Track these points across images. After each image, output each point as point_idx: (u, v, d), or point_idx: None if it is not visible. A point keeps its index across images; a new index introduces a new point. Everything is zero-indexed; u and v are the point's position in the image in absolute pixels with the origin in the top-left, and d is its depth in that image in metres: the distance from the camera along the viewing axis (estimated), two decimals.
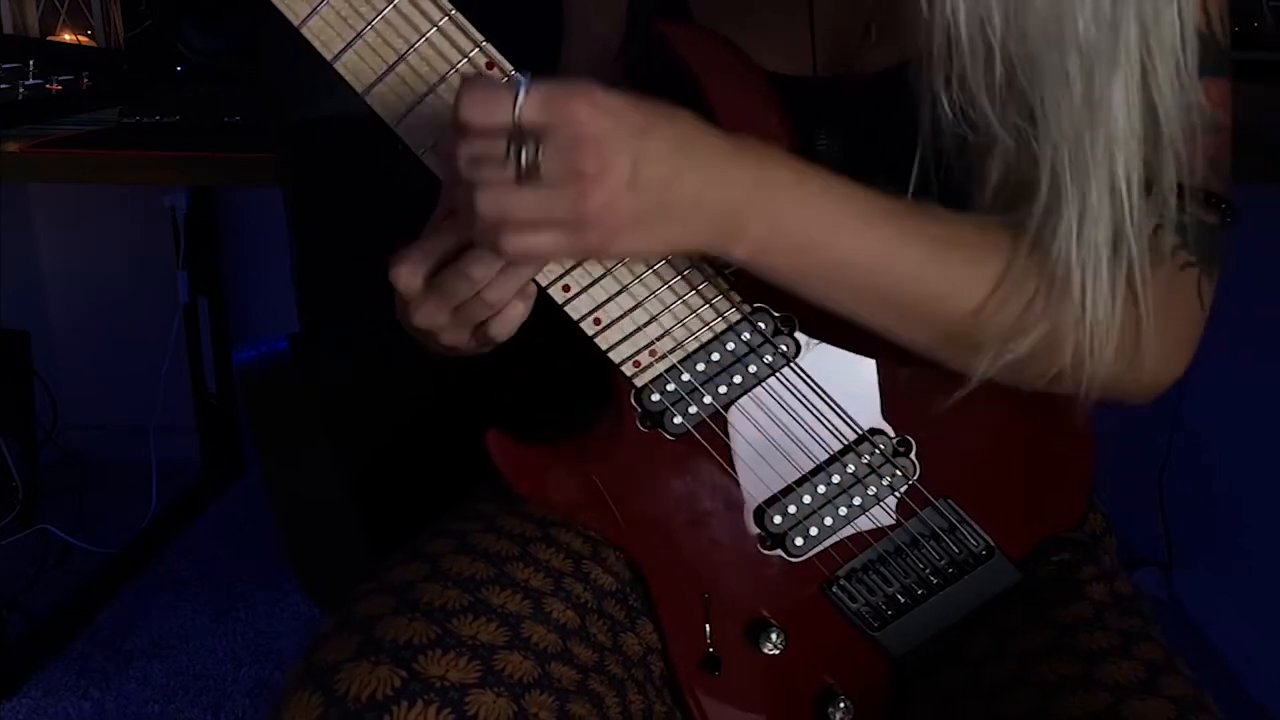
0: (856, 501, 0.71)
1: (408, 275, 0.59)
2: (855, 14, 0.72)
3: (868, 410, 0.70)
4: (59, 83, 1.52)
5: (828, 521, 0.71)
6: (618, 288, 0.66)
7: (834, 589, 0.72)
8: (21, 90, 1.46)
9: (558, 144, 0.51)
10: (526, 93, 0.50)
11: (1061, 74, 0.57)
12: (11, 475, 1.87)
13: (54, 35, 1.61)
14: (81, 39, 1.62)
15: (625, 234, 0.54)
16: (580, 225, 0.52)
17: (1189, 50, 0.58)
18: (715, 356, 0.68)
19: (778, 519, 0.70)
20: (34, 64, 1.49)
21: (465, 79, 0.53)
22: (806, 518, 0.71)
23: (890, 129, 0.64)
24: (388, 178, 0.62)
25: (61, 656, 1.64)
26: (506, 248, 0.53)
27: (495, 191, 0.52)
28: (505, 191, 0.51)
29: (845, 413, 0.70)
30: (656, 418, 0.69)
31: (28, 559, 1.84)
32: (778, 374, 0.69)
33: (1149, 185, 0.59)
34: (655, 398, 0.69)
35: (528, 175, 0.51)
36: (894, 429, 0.71)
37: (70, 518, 1.96)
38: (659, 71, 0.68)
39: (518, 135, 0.50)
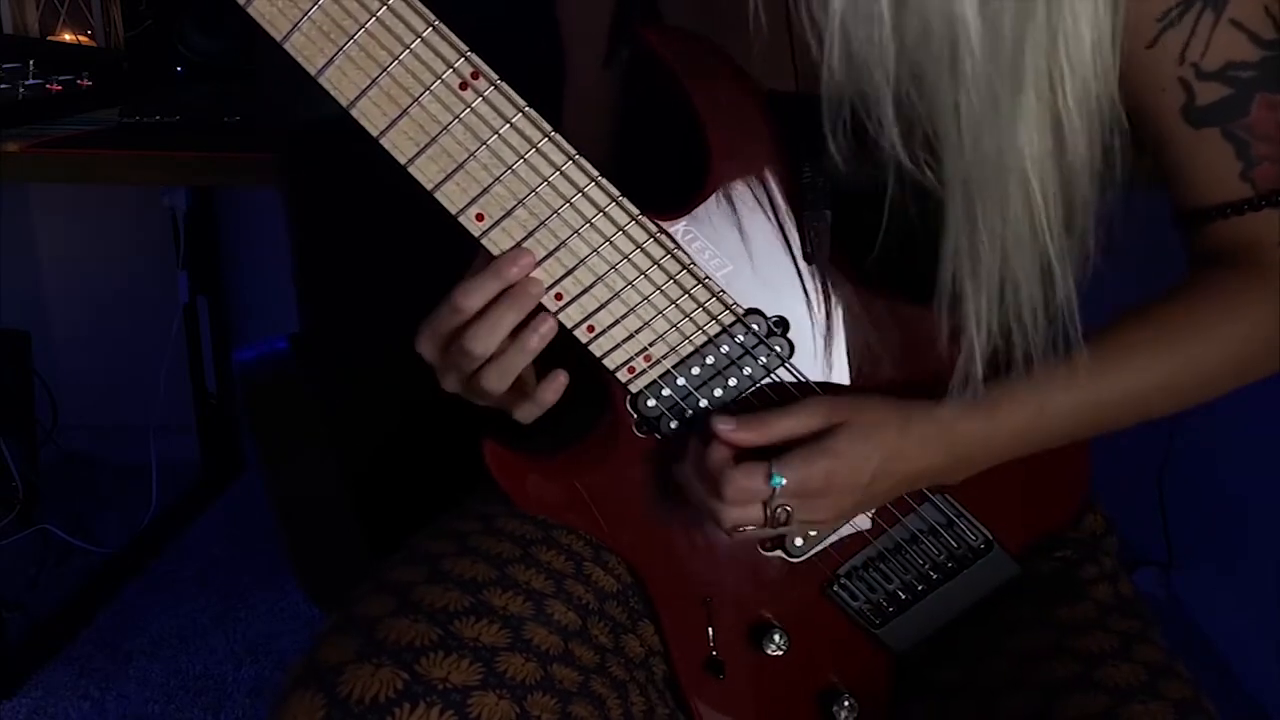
0: None
1: (427, 346, 0.66)
2: None
3: None
4: (59, 83, 1.52)
5: None
6: (610, 294, 0.65)
7: (835, 588, 0.72)
8: (21, 90, 1.45)
9: (803, 503, 0.64)
10: (783, 481, 0.63)
11: (953, 107, 0.58)
12: (11, 475, 1.86)
13: (54, 35, 1.61)
14: (81, 39, 1.62)
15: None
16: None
17: (1102, 71, 0.59)
18: (710, 360, 0.68)
19: None
20: (34, 64, 1.48)
21: (727, 473, 0.64)
22: None
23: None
24: (386, 178, 0.62)
25: (61, 656, 1.64)
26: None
27: (754, 530, 0.66)
28: (762, 531, 0.66)
29: None
30: (653, 423, 0.69)
31: (28, 559, 1.84)
32: (772, 375, 0.69)
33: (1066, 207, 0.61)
34: (651, 403, 0.68)
35: (778, 523, 0.64)
36: None
37: (70, 518, 1.96)
38: (646, 77, 0.68)
39: (771, 501, 0.63)
